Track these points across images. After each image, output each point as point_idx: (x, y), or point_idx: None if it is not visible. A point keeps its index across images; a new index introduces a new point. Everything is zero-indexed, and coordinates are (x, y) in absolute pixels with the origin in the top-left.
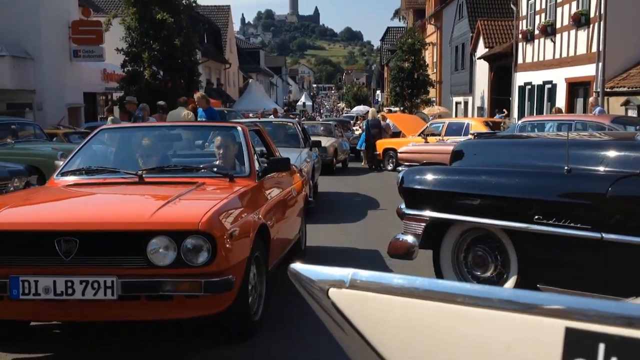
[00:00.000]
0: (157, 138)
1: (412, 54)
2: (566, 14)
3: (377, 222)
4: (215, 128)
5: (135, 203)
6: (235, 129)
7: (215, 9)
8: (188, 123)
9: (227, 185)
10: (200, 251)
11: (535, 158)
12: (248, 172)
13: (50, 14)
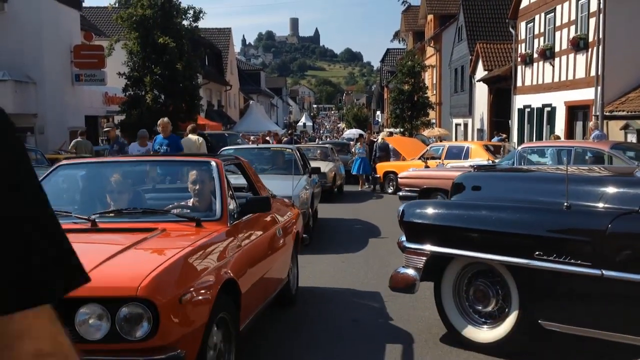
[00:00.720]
0: (123, 174)
1: (412, 76)
2: (565, 38)
3: (378, 251)
4: (187, 163)
5: None
6: (208, 164)
7: (217, 32)
8: (158, 157)
9: (192, 232)
10: (139, 322)
11: (535, 193)
12: (219, 215)
13: (52, 38)
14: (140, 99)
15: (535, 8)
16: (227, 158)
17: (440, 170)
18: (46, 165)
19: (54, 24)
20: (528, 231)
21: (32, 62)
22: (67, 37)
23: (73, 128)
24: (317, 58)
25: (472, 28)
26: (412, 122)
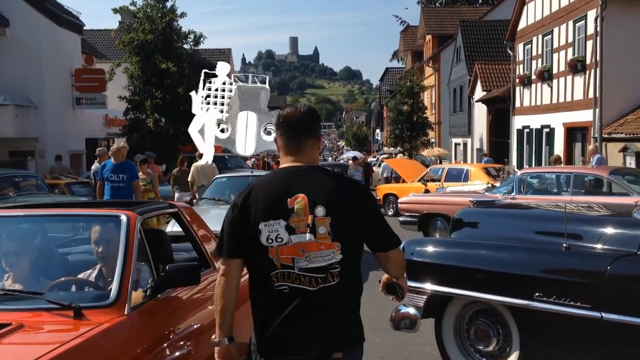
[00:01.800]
0: (8, 232)
1: (411, 97)
2: (562, 60)
3: (377, 282)
4: (85, 218)
5: None
6: (117, 219)
7: (217, 52)
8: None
9: (67, 326)
10: None
11: (534, 232)
12: (112, 299)
13: (53, 62)
14: (141, 123)
15: (532, 30)
16: (153, 208)
17: (440, 196)
18: (46, 192)
19: (55, 48)
20: (527, 272)
21: (33, 86)
22: (68, 61)
23: (74, 151)
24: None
25: (470, 49)
26: (412, 142)
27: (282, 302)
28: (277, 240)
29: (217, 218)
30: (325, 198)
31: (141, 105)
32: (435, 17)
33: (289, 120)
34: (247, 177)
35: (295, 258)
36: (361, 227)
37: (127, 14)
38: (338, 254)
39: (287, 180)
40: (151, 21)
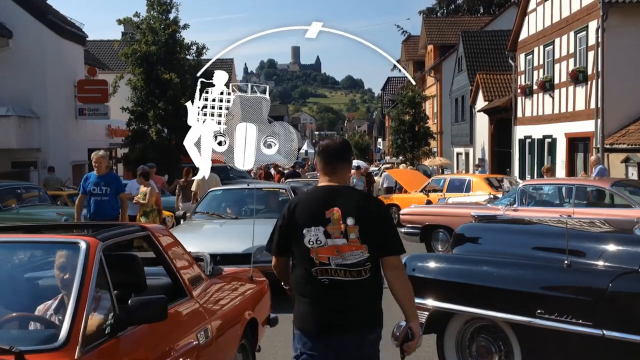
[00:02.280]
0: None
1: (413, 107)
2: (564, 70)
3: None
4: (42, 245)
5: None
6: (75, 246)
7: (219, 62)
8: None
9: None
10: None
11: (536, 248)
12: (62, 340)
13: (56, 74)
14: (144, 134)
15: (534, 40)
16: (119, 233)
17: (442, 207)
18: (49, 203)
19: (58, 59)
20: (529, 289)
21: (36, 97)
22: (71, 72)
23: (76, 162)
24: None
25: (471, 59)
26: (414, 152)
27: (323, 291)
28: (317, 243)
29: (210, 234)
30: (354, 211)
31: (144, 116)
32: (437, 27)
33: (326, 149)
34: (243, 190)
35: (331, 257)
36: (378, 232)
37: (130, 25)
38: (366, 253)
39: (325, 196)
40: (154, 33)
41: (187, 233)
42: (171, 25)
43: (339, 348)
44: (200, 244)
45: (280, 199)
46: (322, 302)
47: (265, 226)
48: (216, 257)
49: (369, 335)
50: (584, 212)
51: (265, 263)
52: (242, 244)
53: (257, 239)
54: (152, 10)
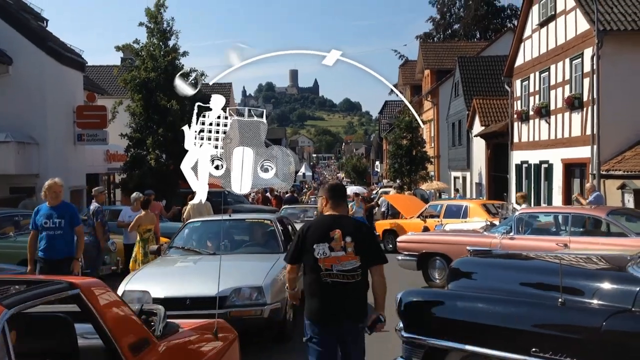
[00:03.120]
0: None
1: (410, 131)
2: (560, 96)
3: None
4: None
5: None
6: None
7: (218, 87)
8: None
9: None
10: None
11: (531, 285)
12: None
13: (55, 100)
14: (142, 159)
15: (529, 67)
16: (36, 294)
17: (439, 235)
18: None
19: (58, 85)
20: (524, 327)
21: (35, 123)
22: (70, 98)
23: (75, 187)
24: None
25: (468, 84)
26: (411, 176)
27: (328, 290)
28: (323, 255)
29: (181, 274)
30: (350, 232)
31: (142, 142)
32: (434, 52)
33: (334, 189)
34: (223, 221)
35: (333, 264)
36: (367, 247)
37: (129, 52)
38: (358, 262)
39: (330, 222)
40: (154, 59)
41: (156, 273)
42: (171, 53)
43: (338, 332)
44: (169, 286)
45: (267, 230)
46: (327, 298)
47: (248, 262)
48: (185, 301)
49: (359, 323)
50: (580, 241)
51: (242, 307)
52: (216, 285)
53: (235, 278)
54: (151, 37)
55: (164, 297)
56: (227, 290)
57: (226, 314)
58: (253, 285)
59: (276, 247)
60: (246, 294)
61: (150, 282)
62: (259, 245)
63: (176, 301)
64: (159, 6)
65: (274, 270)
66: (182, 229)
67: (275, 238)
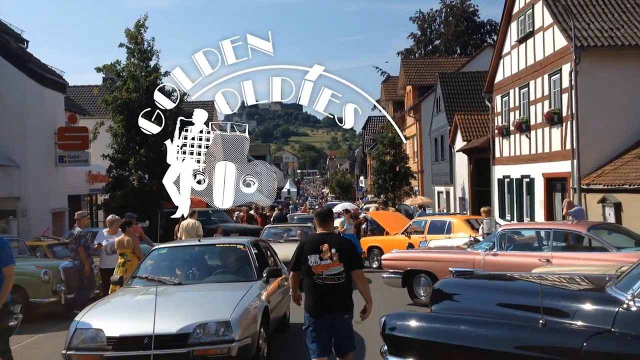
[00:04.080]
0: None
1: (393, 147)
2: (539, 112)
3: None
4: None
5: None
6: None
7: (201, 105)
8: None
9: None
10: None
11: (513, 306)
12: None
13: (37, 121)
14: (125, 180)
15: (509, 83)
16: None
17: (423, 252)
18: (27, 255)
19: (39, 107)
20: (506, 349)
21: (16, 145)
22: (52, 120)
23: (56, 210)
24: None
25: (449, 100)
26: (395, 191)
27: (320, 289)
28: (315, 263)
29: (141, 309)
30: (336, 245)
31: (125, 163)
32: (415, 68)
33: (318, 214)
34: (193, 247)
35: (323, 270)
36: (349, 256)
37: (111, 72)
38: (342, 268)
39: (320, 238)
40: (135, 80)
41: (112, 308)
42: (152, 73)
43: (329, 322)
44: (126, 323)
45: (240, 255)
46: (319, 295)
47: (216, 293)
48: (143, 340)
49: (345, 314)
50: (562, 257)
51: (207, 345)
52: (178, 321)
53: (200, 312)
54: (132, 57)
55: (120, 335)
56: (190, 326)
57: (189, 353)
58: (220, 319)
59: (250, 274)
60: (212, 329)
61: (106, 319)
62: (230, 273)
63: (133, 340)
64: (139, 27)
65: (244, 301)
66: (148, 255)
67: (249, 264)
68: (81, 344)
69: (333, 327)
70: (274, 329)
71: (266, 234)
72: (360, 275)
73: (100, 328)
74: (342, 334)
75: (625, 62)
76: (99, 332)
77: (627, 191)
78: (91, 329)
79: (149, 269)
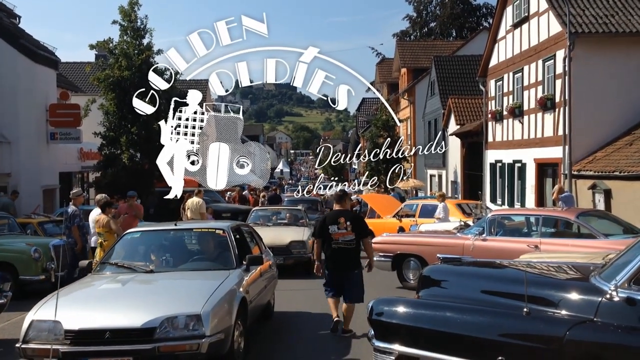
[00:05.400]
0: None
1: (387, 130)
2: (532, 97)
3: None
4: None
5: None
6: None
7: (194, 83)
8: None
9: None
10: None
11: (498, 294)
12: None
13: (28, 98)
14: (116, 158)
15: (503, 67)
16: None
17: (414, 236)
18: (18, 232)
19: (30, 83)
20: (490, 336)
21: (7, 121)
22: (43, 96)
23: (47, 186)
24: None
25: (443, 83)
26: (388, 174)
27: (337, 252)
28: (334, 231)
29: (104, 299)
30: (350, 219)
31: (116, 141)
32: (410, 51)
33: (338, 195)
34: (168, 231)
35: (340, 237)
36: (359, 227)
37: (103, 50)
38: (353, 236)
39: (338, 213)
40: (128, 58)
41: (74, 298)
42: (145, 51)
43: (344, 276)
44: (86, 315)
45: (218, 241)
46: (336, 257)
47: (189, 282)
48: (104, 334)
49: (355, 270)
50: (550, 243)
51: (175, 341)
52: (144, 314)
53: (169, 304)
54: (125, 35)
55: (78, 329)
56: (156, 319)
57: (154, 349)
58: (189, 312)
59: (228, 262)
60: (181, 323)
61: (65, 310)
62: (208, 260)
63: (93, 334)
64: (132, 4)
65: (219, 291)
66: (119, 240)
67: (229, 251)
68: (37, 337)
69: (347, 278)
70: (254, 320)
71: (254, 217)
72: (368, 241)
73: (58, 320)
74: (353, 284)
75: (619, 49)
76: (56, 325)
77: (618, 178)
78: (48, 321)
79: (120, 254)
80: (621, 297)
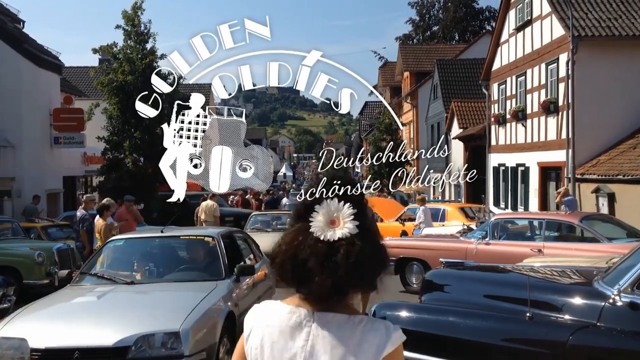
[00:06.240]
0: None
1: (389, 133)
2: (536, 101)
3: None
4: None
5: None
6: None
7: (197, 88)
8: None
9: None
10: None
11: (501, 298)
12: None
13: (32, 102)
14: (120, 162)
15: (506, 71)
16: None
17: (416, 240)
18: (22, 237)
19: (34, 88)
20: (493, 340)
21: (11, 126)
22: (47, 101)
23: (51, 190)
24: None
25: (446, 87)
26: (390, 178)
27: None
28: None
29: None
30: None
31: (120, 145)
32: (413, 54)
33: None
34: (154, 239)
35: None
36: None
37: (107, 54)
38: None
39: None
40: (131, 62)
41: (44, 313)
42: (148, 56)
43: None
44: (54, 332)
45: (207, 250)
46: None
47: (171, 295)
48: (73, 354)
49: None
50: (553, 247)
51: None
52: (117, 331)
53: (145, 320)
54: (128, 40)
55: (45, 347)
56: (130, 337)
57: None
58: (167, 330)
59: (217, 272)
60: (157, 341)
61: (33, 326)
62: (195, 270)
63: (60, 353)
64: (135, 9)
65: (202, 305)
66: (102, 248)
67: (217, 260)
68: (2, 356)
69: None
70: None
71: (252, 222)
72: None
73: (24, 337)
74: None
75: (623, 52)
76: (22, 343)
77: (621, 182)
78: (14, 339)
79: (101, 264)
80: (624, 302)
